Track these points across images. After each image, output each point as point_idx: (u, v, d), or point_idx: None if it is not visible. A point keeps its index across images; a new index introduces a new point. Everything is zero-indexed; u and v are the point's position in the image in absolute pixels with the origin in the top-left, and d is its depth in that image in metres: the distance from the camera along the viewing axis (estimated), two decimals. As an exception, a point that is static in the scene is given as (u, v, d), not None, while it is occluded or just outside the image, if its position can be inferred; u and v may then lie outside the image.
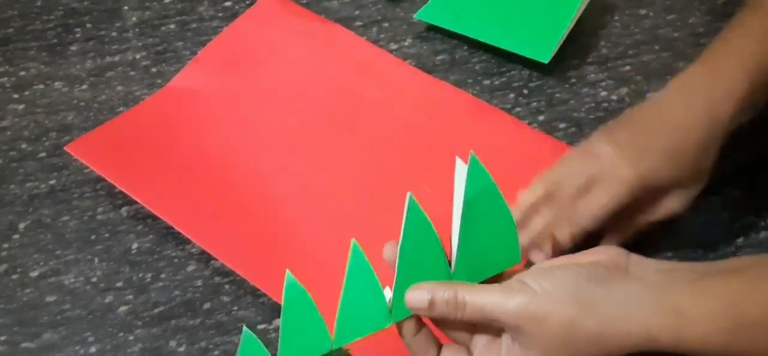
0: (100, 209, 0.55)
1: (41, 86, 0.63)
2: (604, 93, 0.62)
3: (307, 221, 0.54)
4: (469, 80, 0.63)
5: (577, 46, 0.65)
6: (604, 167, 0.46)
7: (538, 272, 0.38)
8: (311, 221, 0.54)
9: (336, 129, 0.59)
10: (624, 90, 0.62)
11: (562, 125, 0.60)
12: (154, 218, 0.54)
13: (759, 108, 0.49)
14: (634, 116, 0.48)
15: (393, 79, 0.62)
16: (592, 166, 0.46)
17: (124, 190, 0.54)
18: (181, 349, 0.49)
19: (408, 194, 0.38)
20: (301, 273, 0.51)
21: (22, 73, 0.64)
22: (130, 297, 0.51)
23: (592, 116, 0.61)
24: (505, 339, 0.39)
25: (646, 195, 0.47)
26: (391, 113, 0.61)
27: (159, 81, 0.63)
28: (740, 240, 0.54)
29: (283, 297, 0.39)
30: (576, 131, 0.60)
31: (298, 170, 0.57)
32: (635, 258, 0.39)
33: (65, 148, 0.56)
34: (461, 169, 0.40)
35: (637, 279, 0.37)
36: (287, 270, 0.39)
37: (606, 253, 0.39)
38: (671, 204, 0.48)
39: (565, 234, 0.47)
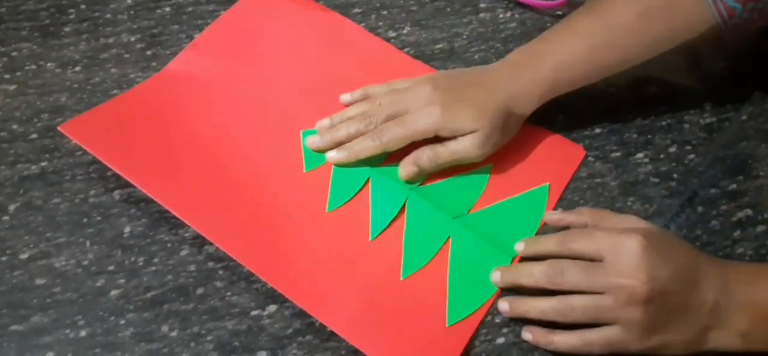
0: (92, 192, 0.54)
1: (33, 67, 0.62)
2: (601, 86, 0.62)
3: (302, 207, 0.53)
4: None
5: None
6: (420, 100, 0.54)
7: None
8: (307, 207, 0.53)
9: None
10: (622, 82, 0.62)
11: (560, 117, 0.60)
12: (148, 201, 0.53)
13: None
14: (466, 71, 0.58)
15: (390, 68, 0.61)
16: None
17: (117, 171, 0.53)
18: (173, 334, 0.48)
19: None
20: (295, 259, 0.51)
21: (15, 53, 0.63)
22: (122, 280, 0.50)
23: (590, 108, 0.60)
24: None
25: (446, 133, 0.54)
26: None
27: (154, 64, 0.62)
28: (737, 233, 0.54)
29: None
30: (574, 123, 0.60)
31: (294, 157, 0.56)
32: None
33: (58, 127, 0.55)
34: None
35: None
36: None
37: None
38: (463, 145, 0.54)
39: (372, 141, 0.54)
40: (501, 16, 0.68)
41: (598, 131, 0.60)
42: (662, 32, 0.55)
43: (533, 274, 0.48)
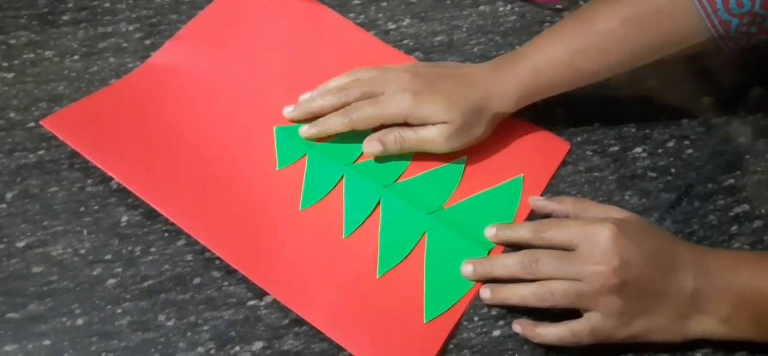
0: (89, 181, 0.54)
1: (31, 55, 0.62)
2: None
3: (276, 205, 0.53)
4: (467, 62, 0.63)
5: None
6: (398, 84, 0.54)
7: None
8: (281, 205, 0.53)
9: None
10: (621, 76, 0.62)
11: (559, 110, 0.60)
12: (145, 191, 0.53)
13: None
14: (449, 64, 0.59)
15: (374, 62, 0.60)
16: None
17: (98, 165, 0.53)
18: (170, 324, 0.48)
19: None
20: (271, 254, 0.50)
21: (12, 41, 0.63)
22: (119, 269, 0.50)
23: (589, 102, 0.60)
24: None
25: (415, 120, 0.54)
26: None
27: (152, 53, 0.62)
28: (734, 228, 0.54)
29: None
30: (573, 116, 0.60)
31: (268, 153, 0.56)
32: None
33: (41, 122, 0.54)
34: None
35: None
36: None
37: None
38: (431, 133, 0.54)
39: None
40: (501, 9, 0.68)
41: (596, 124, 0.60)
42: (648, 41, 0.53)
43: (508, 265, 0.48)
